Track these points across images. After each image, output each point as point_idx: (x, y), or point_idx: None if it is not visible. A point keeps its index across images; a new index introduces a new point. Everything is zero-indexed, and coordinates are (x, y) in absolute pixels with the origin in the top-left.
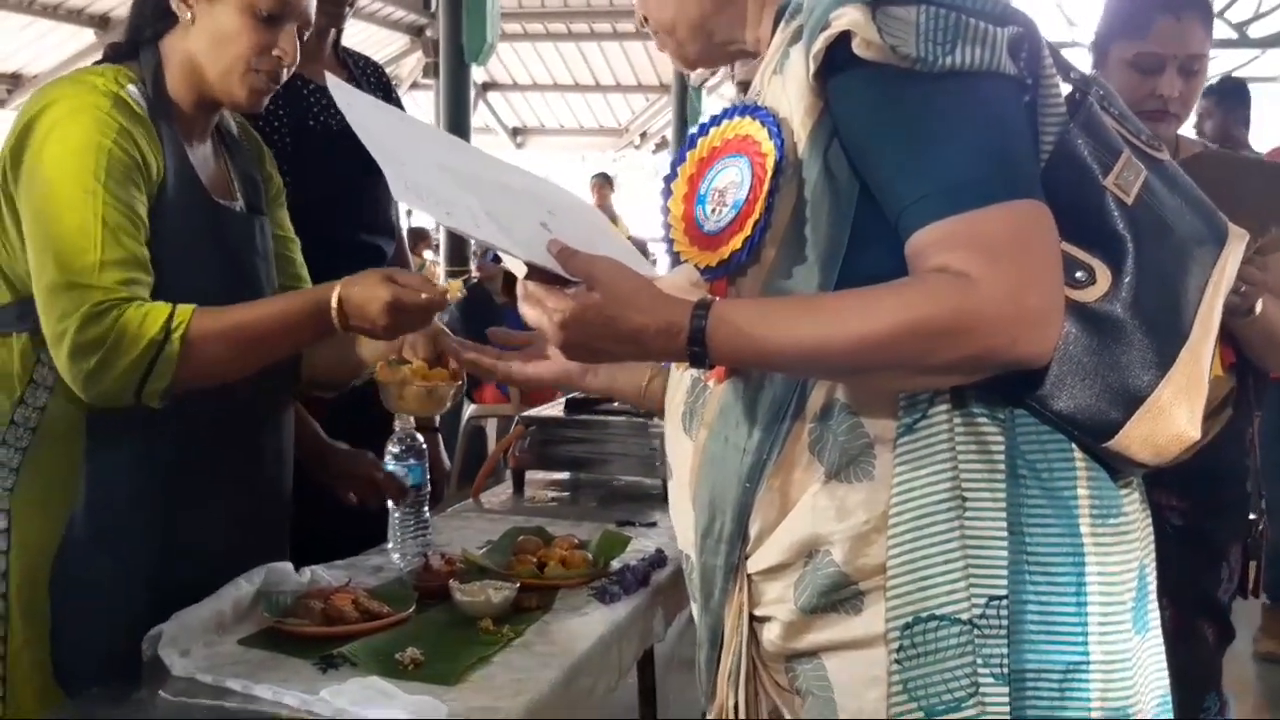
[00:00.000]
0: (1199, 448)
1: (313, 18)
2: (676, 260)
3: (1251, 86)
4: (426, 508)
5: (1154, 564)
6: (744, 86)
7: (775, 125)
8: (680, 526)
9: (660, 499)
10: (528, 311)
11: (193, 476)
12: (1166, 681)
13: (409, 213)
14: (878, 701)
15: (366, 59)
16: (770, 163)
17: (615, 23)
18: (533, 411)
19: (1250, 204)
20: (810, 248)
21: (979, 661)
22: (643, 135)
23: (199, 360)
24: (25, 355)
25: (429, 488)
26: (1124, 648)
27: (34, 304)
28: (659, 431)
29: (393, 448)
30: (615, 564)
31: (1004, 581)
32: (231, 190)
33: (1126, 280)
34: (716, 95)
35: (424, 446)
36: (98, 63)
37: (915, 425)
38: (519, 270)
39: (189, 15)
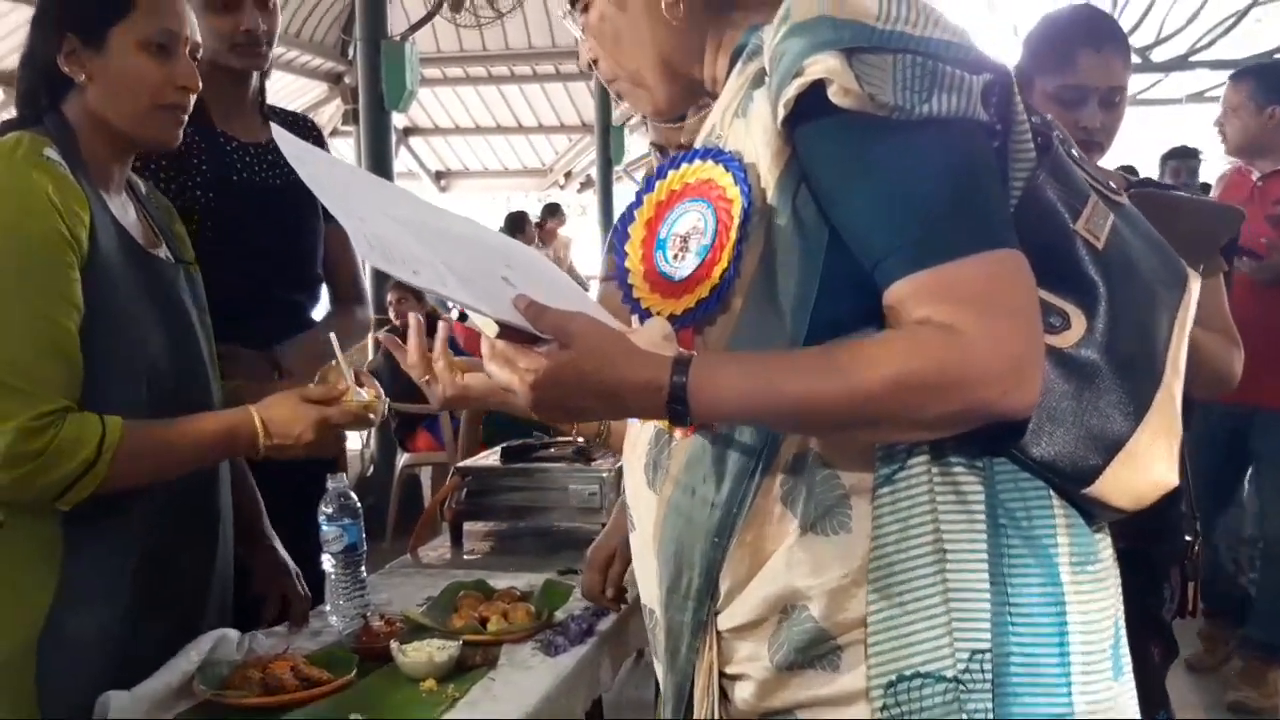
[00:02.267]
0: None
1: (199, 37)
2: (635, 307)
3: (1154, 109)
4: (363, 567)
5: (1122, 606)
6: (658, 149)
7: (741, 171)
8: (643, 580)
9: None
10: (497, 372)
11: (160, 544)
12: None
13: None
14: None
15: (292, 114)
16: (737, 209)
17: (535, 64)
18: (468, 462)
19: (1179, 240)
20: (780, 296)
21: (964, 718)
22: (567, 175)
23: (121, 477)
24: None
25: (364, 548)
26: (1105, 695)
27: None
28: (598, 476)
29: (326, 508)
30: (559, 614)
31: (987, 635)
32: (156, 240)
33: (1100, 324)
34: (639, 134)
35: (358, 506)
36: (3, 127)
37: (894, 476)
38: (489, 329)
39: (82, 75)
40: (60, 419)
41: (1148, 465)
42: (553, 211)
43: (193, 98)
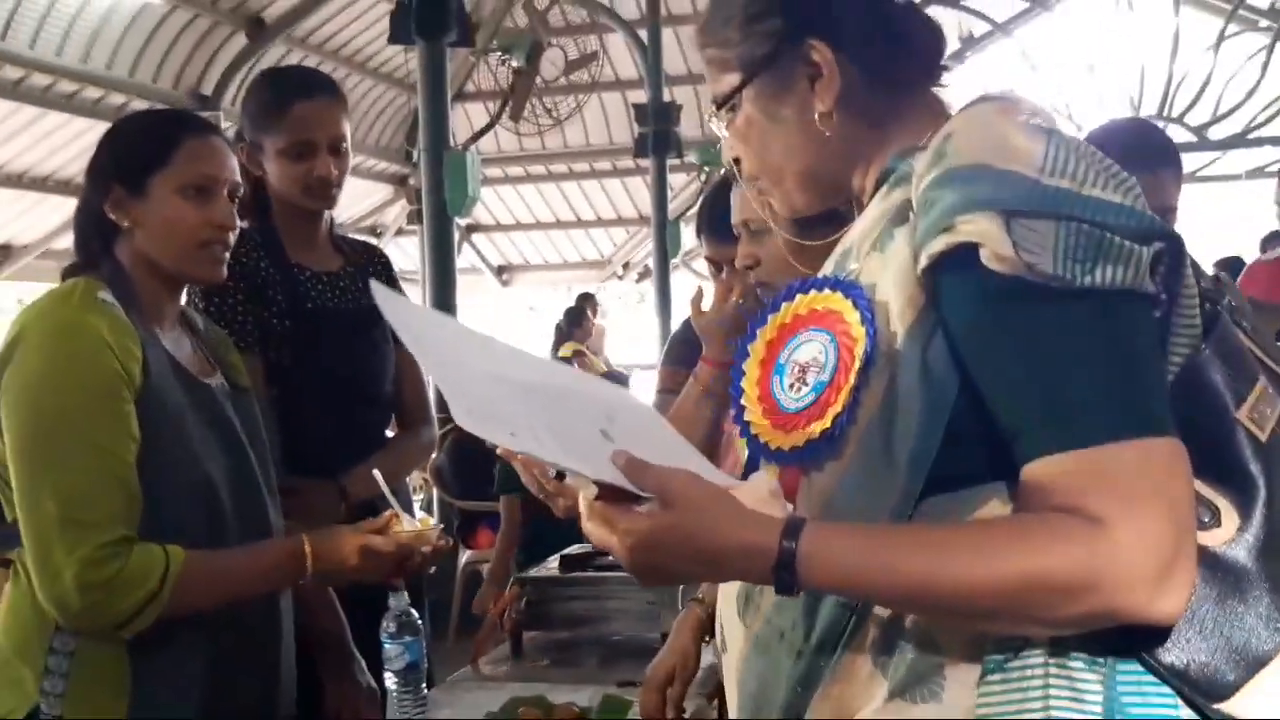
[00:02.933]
0: None
1: (238, 178)
2: (744, 430)
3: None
4: (424, 685)
5: None
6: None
7: (869, 310)
8: (731, 705)
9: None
10: (594, 531)
11: (221, 665)
12: None
13: None
14: None
15: (362, 243)
16: (860, 350)
17: (593, 162)
18: (528, 572)
19: None
20: (896, 447)
21: None
22: (625, 265)
23: (182, 605)
24: None
25: (425, 664)
26: None
27: None
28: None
29: (388, 625)
30: None
31: None
32: (210, 368)
33: (1254, 524)
34: (693, 224)
35: (419, 622)
36: (66, 272)
37: (1006, 664)
38: (586, 490)
39: (127, 222)
40: (125, 549)
41: None
42: (587, 299)
43: (232, 235)
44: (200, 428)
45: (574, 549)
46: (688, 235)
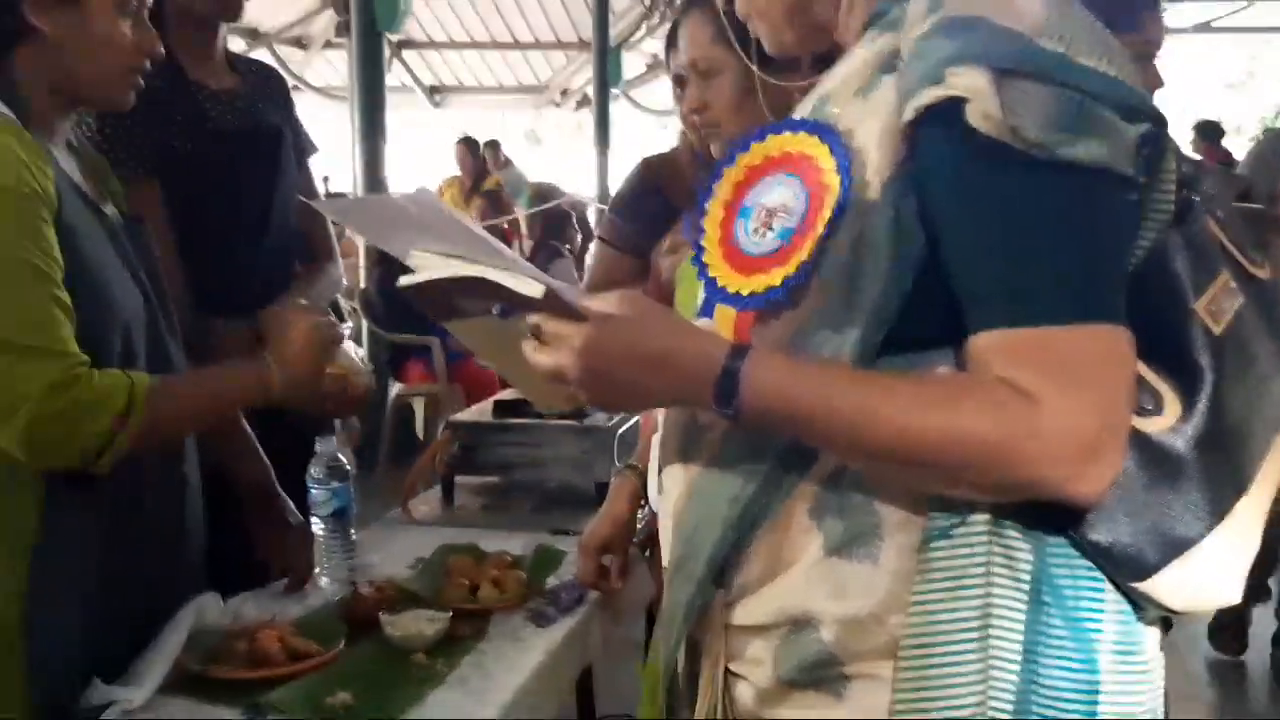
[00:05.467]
0: None
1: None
2: (702, 272)
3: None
4: (353, 529)
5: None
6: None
7: (846, 159)
8: (665, 546)
9: (595, 502)
10: (540, 357)
11: (130, 502)
12: None
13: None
14: None
15: (259, 63)
16: (832, 199)
17: None
18: (461, 416)
19: None
20: (857, 304)
21: None
22: (563, 92)
23: (152, 431)
24: None
25: (354, 510)
26: None
27: None
28: (591, 433)
29: (315, 471)
30: (551, 581)
31: (1010, 705)
32: (102, 196)
33: (1196, 415)
34: (636, 51)
35: (348, 468)
36: None
37: (951, 530)
38: (529, 309)
39: (49, 29)
40: (87, 373)
41: (1209, 575)
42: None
43: (148, 63)
44: (108, 260)
45: (508, 394)
46: (630, 63)
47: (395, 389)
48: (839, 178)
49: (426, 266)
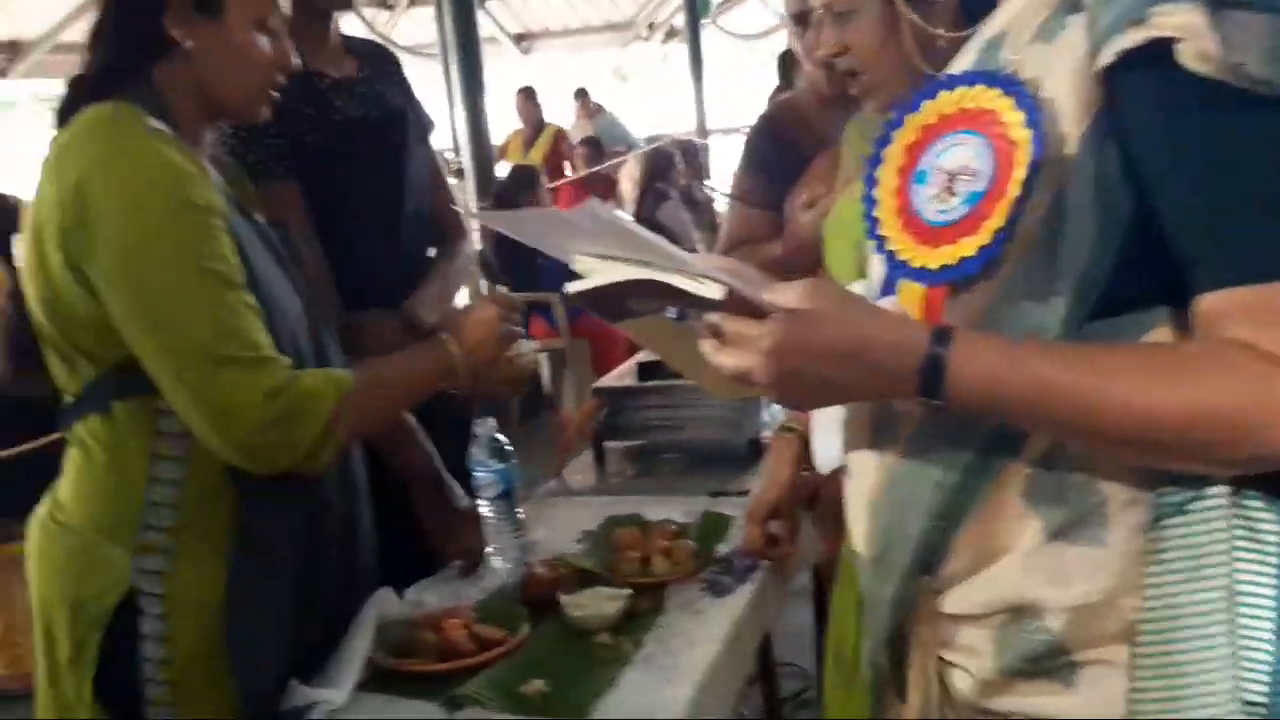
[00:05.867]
0: None
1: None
2: (879, 246)
3: None
4: (519, 509)
5: None
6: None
7: (1036, 111)
8: (854, 529)
9: (747, 460)
10: (724, 358)
11: (315, 502)
12: None
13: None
14: None
15: (373, 44)
16: (1023, 156)
17: None
18: (606, 381)
19: None
20: (1063, 269)
21: None
22: (650, 26)
23: (357, 428)
24: (137, 430)
25: (519, 489)
26: None
27: (136, 368)
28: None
29: (478, 453)
30: (721, 548)
31: (1266, 689)
32: (250, 205)
33: None
34: None
35: (509, 448)
36: (74, 98)
37: (1187, 506)
38: (708, 320)
39: (191, 43)
40: (292, 378)
41: None
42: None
43: (283, 77)
44: (272, 270)
45: (648, 354)
46: None
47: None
48: (1029, 131)
49: (594, 271)
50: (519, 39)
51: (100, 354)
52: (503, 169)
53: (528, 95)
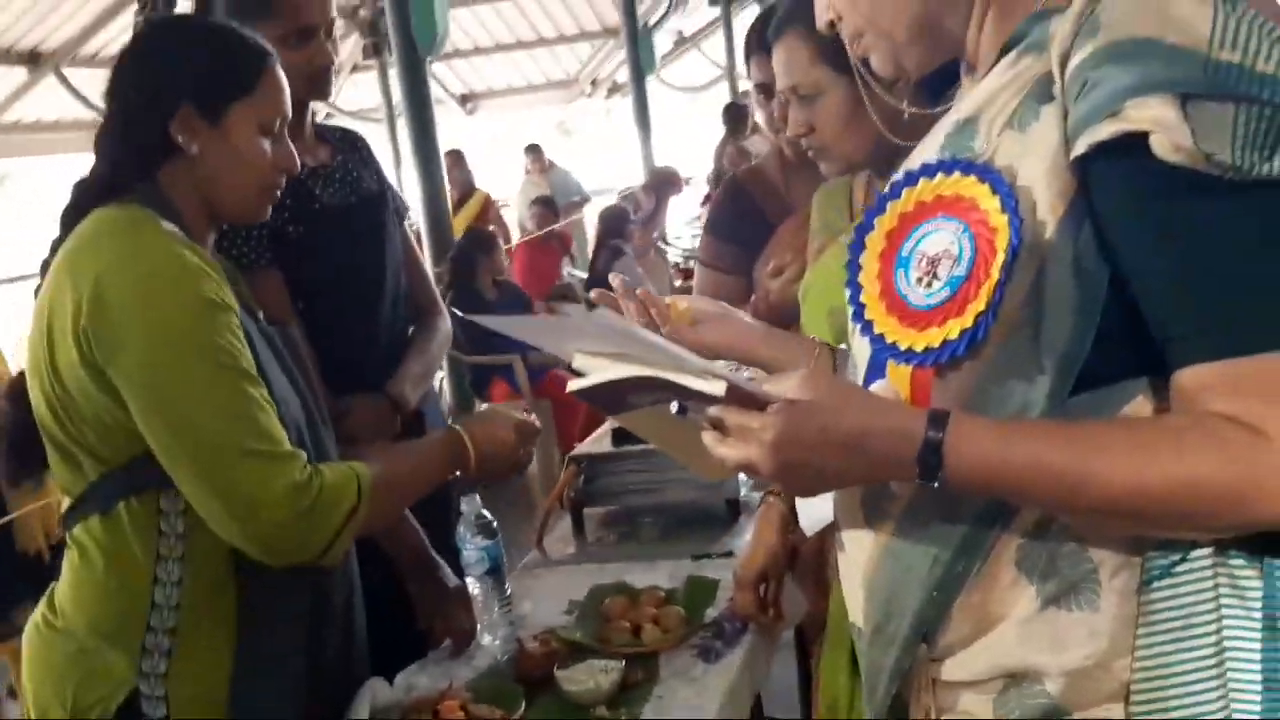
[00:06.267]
0: None
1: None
2: (866, 329)
3: None
4: (507, 584)
5: None
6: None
7: (1011, 198)
8: (850, 601)
9: (727, 521)
10: (726, 451)
11: (326, 593)
12: None
13: None
14: None
15: (342, 130)
16: (1003, 242)
17: None
18: (581, 449)
19: None
20: (1045, 348)
21: None
22: (593, 83)
23: (373, 520)
24: (139, 531)
25: (505, 565)
26: None
27: (141, 468)
28: None
29: (465, 530)
30: (710, 613)
31: None
32: (249, 304)
33: None
34: (665, 31)
35: (495, 524)
36: (81, 201)
37: (1174, 569)
38: (708, 414)
39: (195, 148)
40: (316, 472)
41: None
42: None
43: (284, 180)
44: (272, 365)
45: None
46: (660, 43)
47: (480, 410)
48: (1006, 217)
49: (594, 369)
50: (464, 100)
51: (107, 454)
52: None
53: (456, 159)
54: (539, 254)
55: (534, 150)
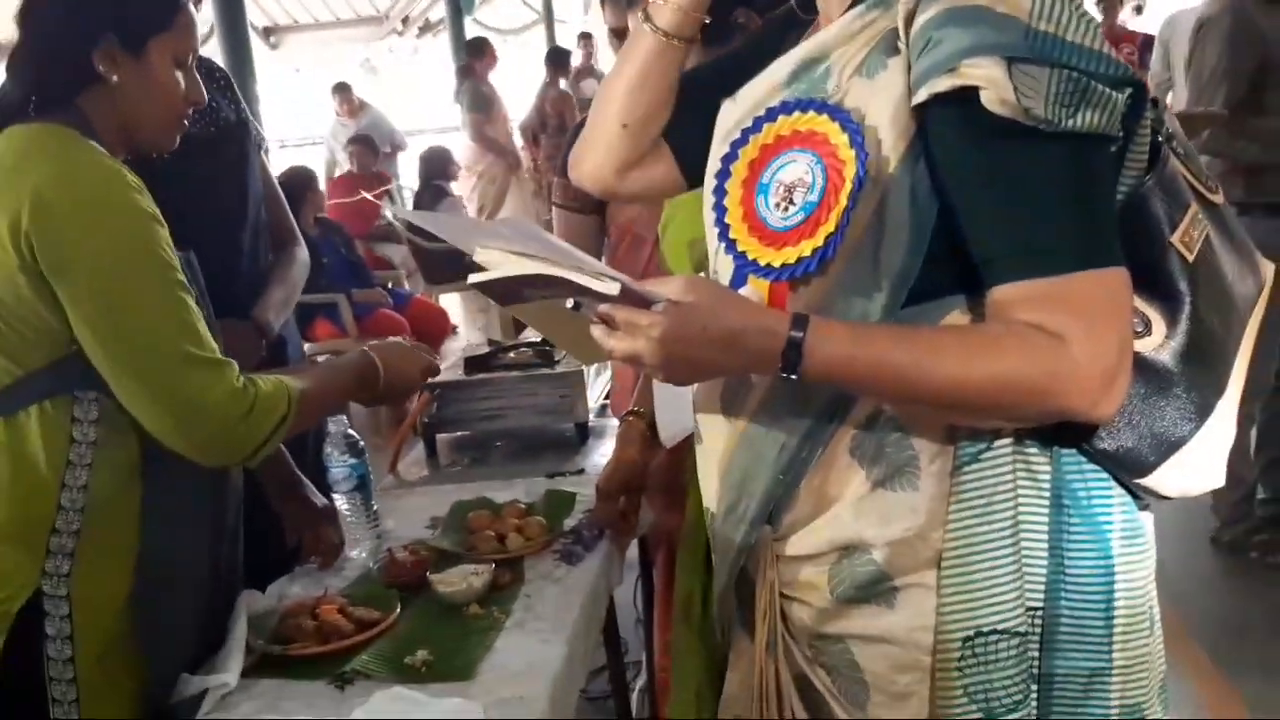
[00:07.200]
0: None
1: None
2: (730, 248)
3: None
4: (374, 500)
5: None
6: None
7: (859, 135)
8: (706, 489)
9: (578, 443)
10: (618, 344)
11: (224, 499)
12: (1165, 667)
13: None
14: (909, 685)
15: (202, 59)
16: (850, 172)
17: None
18: (437, 377)
19: None
20: (883, 267)
21: (1026, 665)
22: (404, 20)
23: (296, 428)
24: (50, 434)
25: (372, 480)
26: (1142, 651)
27: (71, 367)
28: (566, 378)
29: (331, 449)
30: (568, 522)
31: (1041, 596)
32: None
33: (1179, 334)
34: None
35: (361, 444)
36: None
37: (980, 455)
38: (598, 309)
39: (115, 76)
40: (250, 381)
41: (1199, 466)
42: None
43: (192, 110)
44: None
45: (474, 351)
46: None
47: (305, 348)
48: (854, 152)
49: (496, 263)
50: (266, 33)
51: (24, 357)
52: None
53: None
54: (355, 191)
55: (343, 89)
